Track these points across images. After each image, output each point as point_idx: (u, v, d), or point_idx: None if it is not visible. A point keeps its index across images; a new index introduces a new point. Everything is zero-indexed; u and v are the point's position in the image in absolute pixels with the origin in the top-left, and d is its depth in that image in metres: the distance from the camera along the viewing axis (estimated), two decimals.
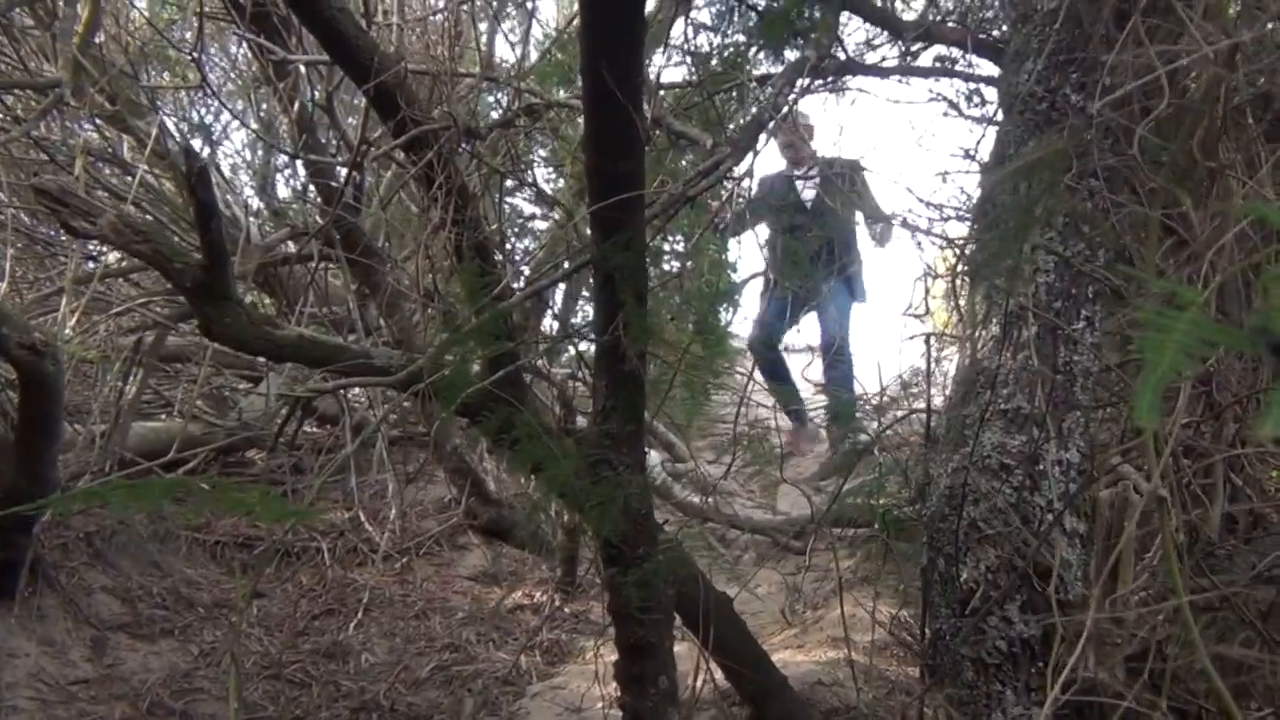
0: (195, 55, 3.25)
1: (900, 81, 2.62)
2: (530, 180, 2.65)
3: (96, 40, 4.10)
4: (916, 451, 2.58)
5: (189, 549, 4.17)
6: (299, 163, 4.43)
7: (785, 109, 1.86)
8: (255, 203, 5.09)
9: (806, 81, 1.93)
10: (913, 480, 2.47)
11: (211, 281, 2.07)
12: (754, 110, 1.82)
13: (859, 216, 5.68)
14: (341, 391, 5.19)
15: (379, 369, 2.20)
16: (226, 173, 5.14)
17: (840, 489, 2.91)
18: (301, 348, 2.17)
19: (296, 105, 4.10)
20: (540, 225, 6.06)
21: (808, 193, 5.81)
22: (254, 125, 4.05)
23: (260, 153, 5.88)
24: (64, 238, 4.63)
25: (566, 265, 1.81)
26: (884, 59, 2.61)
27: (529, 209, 5.28)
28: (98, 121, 4.38)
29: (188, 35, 5.20)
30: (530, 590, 4.40)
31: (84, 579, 3.57)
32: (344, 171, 4.39)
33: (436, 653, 3.74)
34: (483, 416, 2.01)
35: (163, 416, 4.96)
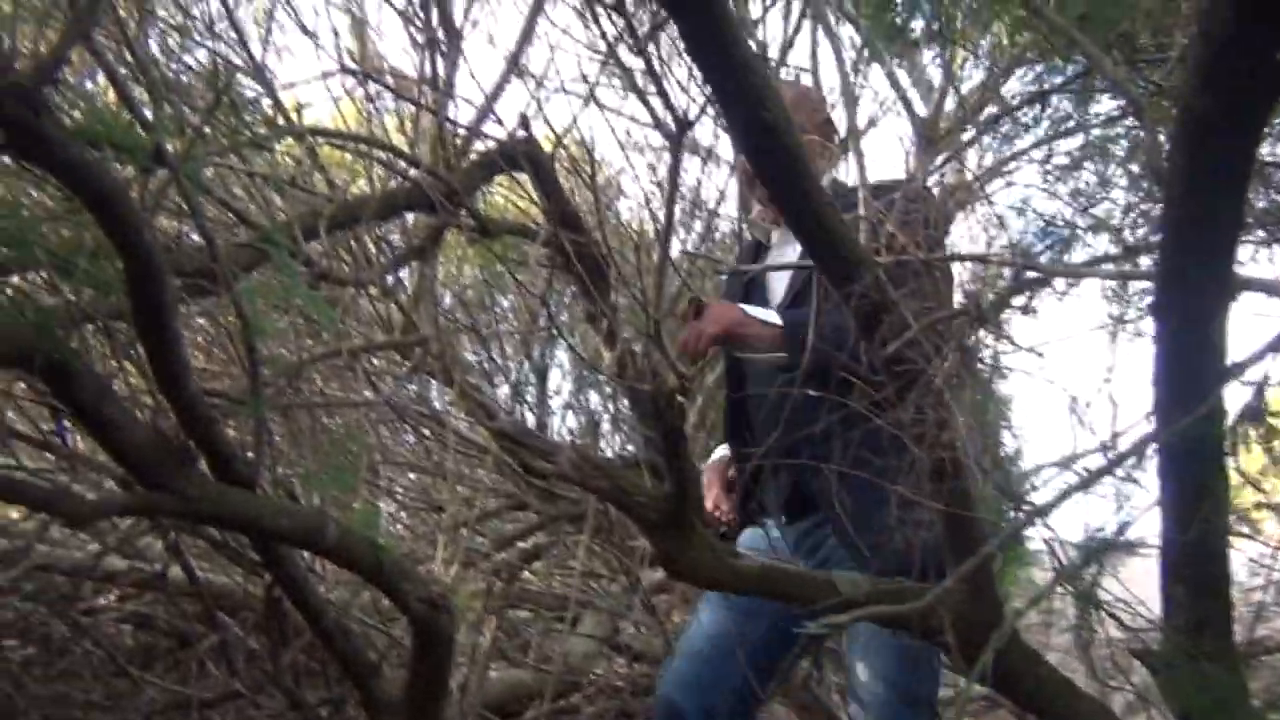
0: (546, 301, 3.36)
1: None
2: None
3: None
4: None
5: None
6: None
7: None
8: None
9: None
10: None
11: (678, 511, 1.92)
12: None
13: None
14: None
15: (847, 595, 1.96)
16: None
17: None
18: (766, 579, 1.97)
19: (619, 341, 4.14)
20: None
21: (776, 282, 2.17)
22: (581, 357, 4.10)
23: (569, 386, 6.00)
24: (396, 488, 4.76)
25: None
26: None
27: None
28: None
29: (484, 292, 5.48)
30: None
31: None
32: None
33: None
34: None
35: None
